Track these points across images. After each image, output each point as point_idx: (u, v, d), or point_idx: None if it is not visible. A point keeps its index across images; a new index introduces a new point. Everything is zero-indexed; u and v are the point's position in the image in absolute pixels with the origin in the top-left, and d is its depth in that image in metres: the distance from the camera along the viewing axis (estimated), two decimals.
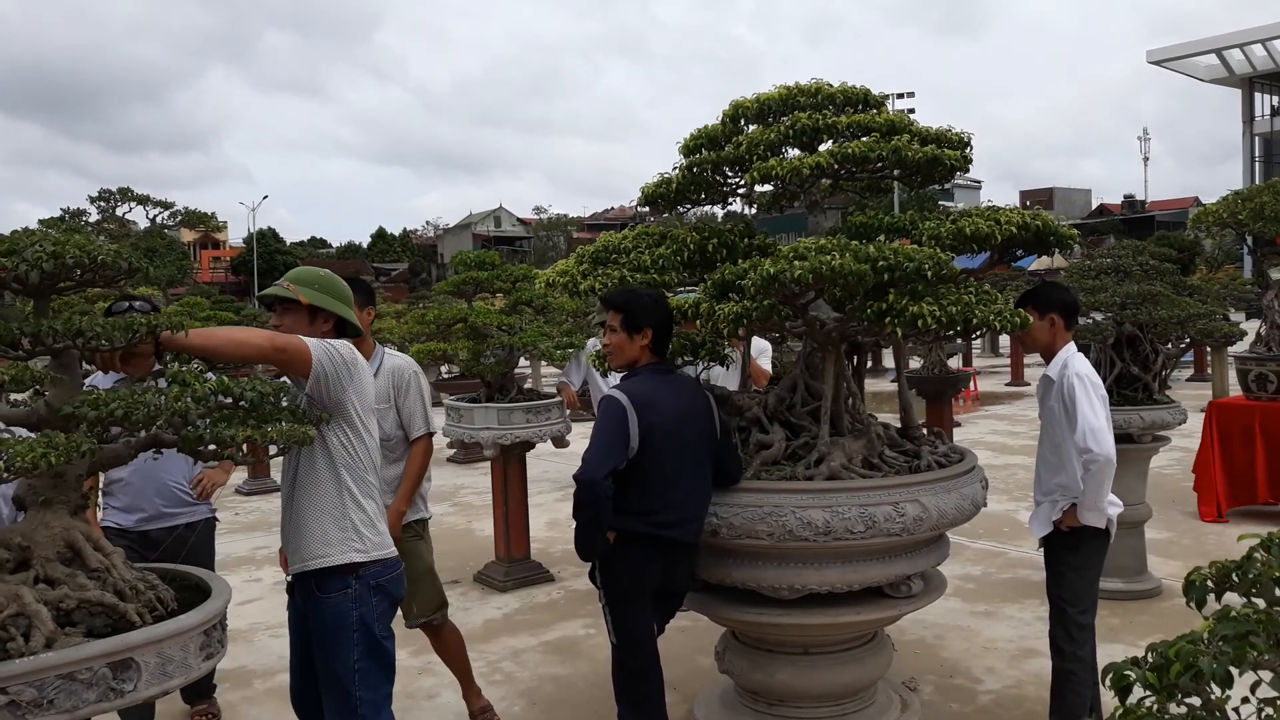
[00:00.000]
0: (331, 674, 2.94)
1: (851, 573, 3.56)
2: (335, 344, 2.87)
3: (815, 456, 3.63)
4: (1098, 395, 3.76)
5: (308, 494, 2.94)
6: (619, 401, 3.31)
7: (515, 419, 5.89)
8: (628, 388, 3.38)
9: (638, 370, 3.47)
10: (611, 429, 3.28)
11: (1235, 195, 7.25)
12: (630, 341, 3.45)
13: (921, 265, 3.10)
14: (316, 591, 2.92)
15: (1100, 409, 3.74)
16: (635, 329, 3.43)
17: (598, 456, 3.23)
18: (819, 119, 3.61)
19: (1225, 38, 45.29)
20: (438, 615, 4.31)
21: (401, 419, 4.08)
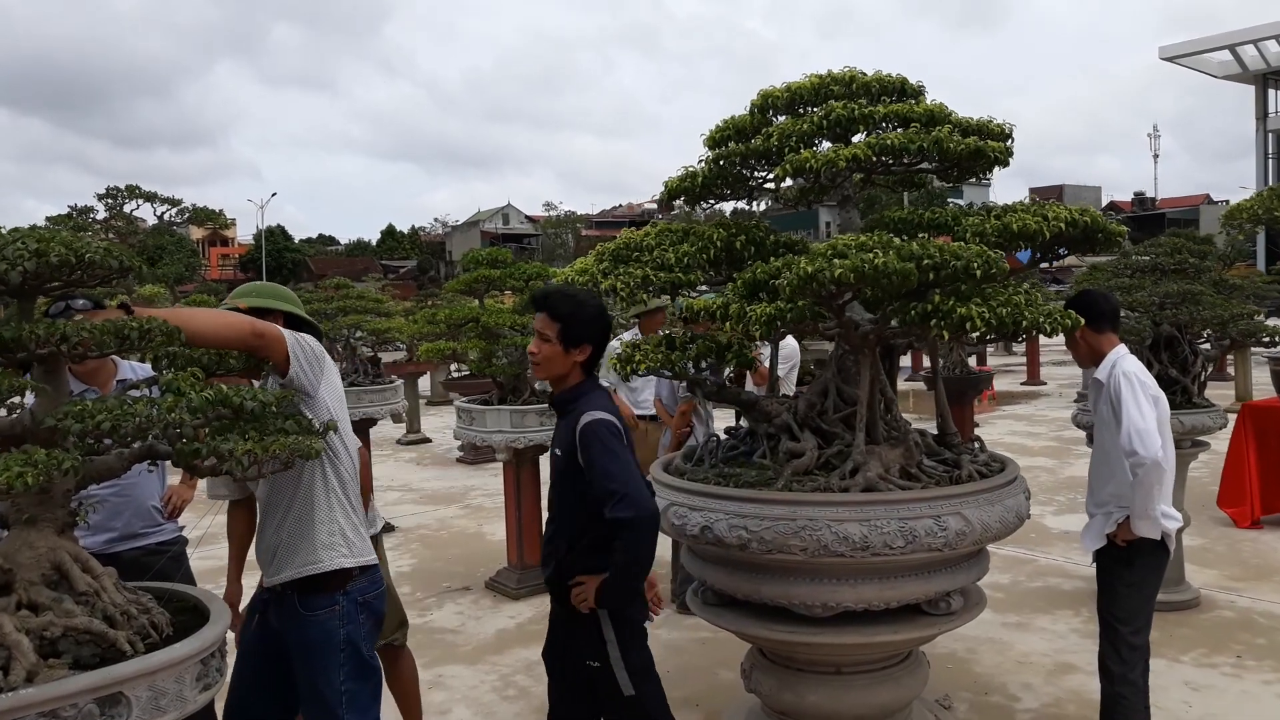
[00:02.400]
0: (317, 696, 2.83)
1: (889, 589, 3.36)
2: (301, 336, 2.85)
3: (850, 466, 3.43)
4: (1146, 395, 3.56)
5: (290, 499, 2.83)
6: (616, 424, 2.98)
7: (528, 422, 5.70)
8: (607, 407, 3.01)
9: (583, 387, 3.06)
10: (628, 453, 2.95)
11: (1270, 191, 7.02)
12: (565, 356, 3.03)
13: (970, 264, 2.90)
14: (300, 609, 2.81)
15: (1149, 409, 3.53)
16: (573, 342, 3.02)
17: (639, 484, 2.89)
18: (855, 109, 3.41)
19: (1239, 33, 44.88)
20: (399, 635, 4.10)
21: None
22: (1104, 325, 3.71)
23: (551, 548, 3.14)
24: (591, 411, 2.95)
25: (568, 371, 3.06)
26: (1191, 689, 4.39)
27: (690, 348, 3.66)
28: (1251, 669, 4.56)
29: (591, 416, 2.93)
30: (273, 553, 2.85)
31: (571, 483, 3.01)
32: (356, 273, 49.31)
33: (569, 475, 3.02)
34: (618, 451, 2.90)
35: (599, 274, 3.60)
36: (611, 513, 2.80)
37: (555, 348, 3.01)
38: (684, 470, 3.76)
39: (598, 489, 2.86)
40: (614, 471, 2.84)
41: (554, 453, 3.11)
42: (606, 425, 2.93)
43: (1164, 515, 3.55)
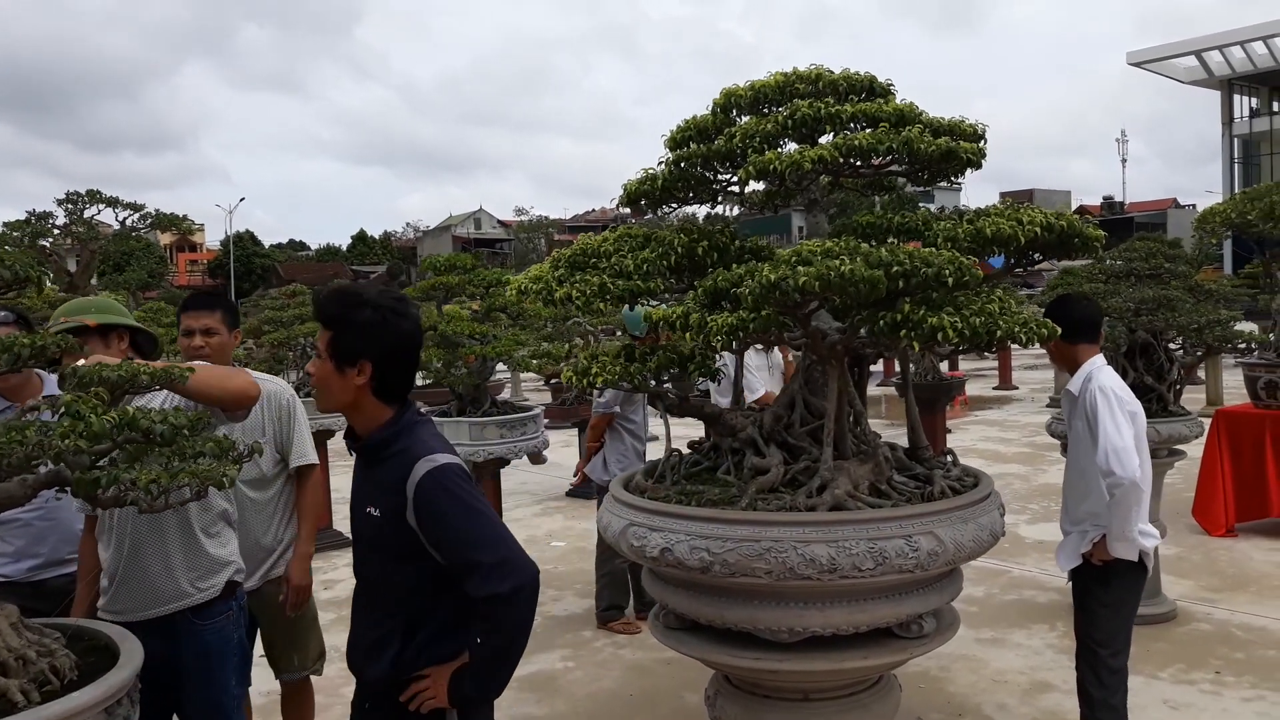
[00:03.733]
0: (214, 705, 2.82)
1: (859, 613, 3.20)
2: None
3: (817, 483, 3.26)
4: (1124, 411, 3.43)
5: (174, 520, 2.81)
6: (464, 468, 2.34)
7: (488, 434, 5.51)
8: (446, 447, 2.35)
9: (402, 423, 2.33)
10: (488, 505, 2.34)
11: (1244, 195, 6.95)
12: (339, 377, 2.29)
13: (941, 270, 2.74)
14: (194, 621, 2.83)
15: (1126, 427, 3.40)
16: (346, 358, 2.28)
17: (513, 544, 2.24)
18: (820, 108, 3.24)
19: (1204, 39, 45.40)
20: (319, 665, 3.93)
21: (283, 450, 3.64)
22: (1078, 337, 3.58)
23: (375, 641, 2.37)
24: (429, 456, 2.23)
25: (353, 399, 2.31)
26: (1171, 708, 4.26)
27: (651, 359, 3.49)
28: (1230, 685, 4.44)
29: (432, 463, 2.22)
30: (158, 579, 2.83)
31: (399, 555, 2.29)
32: (326, 278, 48.83)
33: (395, 545, 2.28)
34: (477, 505, 2.23)
35: (554, 281, 3.42)
36: (484, 588, 2.14)
37: (327, 365, 2.30)
38: (644, 488, 3.58)
39: (456, 559, 2.19)
40: (479, 534, 2.18)
41: (366, 514, 2.36)
42: (455, 471, 2.25)
43: (1142, 534, 3.42)
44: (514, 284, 3.53)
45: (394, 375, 2.33)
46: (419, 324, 2.43)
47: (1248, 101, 48.82)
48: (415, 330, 2.38)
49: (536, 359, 5.66)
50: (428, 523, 2.21)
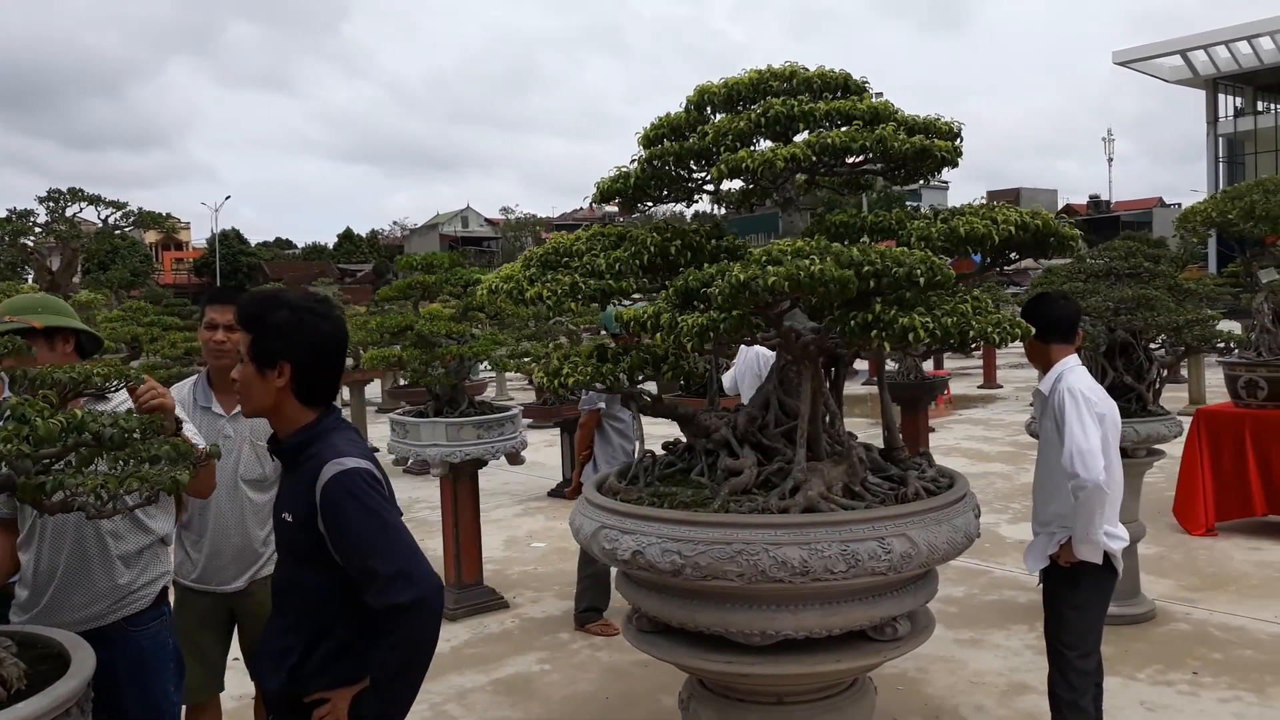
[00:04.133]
0: (153, 709, 2.79)
1: (831, 616, 3.17)
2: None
3: (790, 485, 3.23)
4: (1091, 413, 3.39)
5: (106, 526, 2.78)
6: (375, 473, 2.24)
7: (465, 435, 5.46)
8: (359, 451, 2.28)
9: (318, 427, 2.29)
10: (396, 513, 2.24)
11: (1225, 194, 6.95)
12: (260, 380, 2.26)
13: (913, 270, 2.71)
14: (128, 628, 2.80)
15: (1093, 429, 3.37)
16: (265, 360, 2.25)
17: (417, 555, 2.17)
18: (794, 105, 3.21)
19: (1189, 39, 45.61)
20: None
21: None
22: (1051, 336, 3.56)
23: (277, 651, 2.31)
24: (338, 459, 2.18)
25: (274, 403, 2.27)
26: (1148, 709, 4.24)
27: (624, 359, 3.45)
28: (1208, 686, 4.43)
29: (339, 466, 2.16)
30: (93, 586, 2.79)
31: (309, 561, 2.23)
32: (312, 276, 48.67)
33: (305, 552, 2.24)
34: (382, 512, 2.16)
35: (525, 281, 3.37)
36: (384, 598, 2.07)
37: (249, 368, 2.27)
38: (618, 490, 3.54)
39: (357, 567, 2.12)
40: (381, 541, 2.11)
41: (282, 519, 2.32)
42: (362, 476, 2.17)
43: (1109, 536, 3.42)
44: (485, 283, 3.48)
45: (315, 378, 2.30)
46: (341, 326, 2.39)
47: (1232, 101, 49.07)
48: (335, 332, 2.34)
49: (515, 359, 5.61)
50: (332, 528, 2.16)
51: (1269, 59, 44.57)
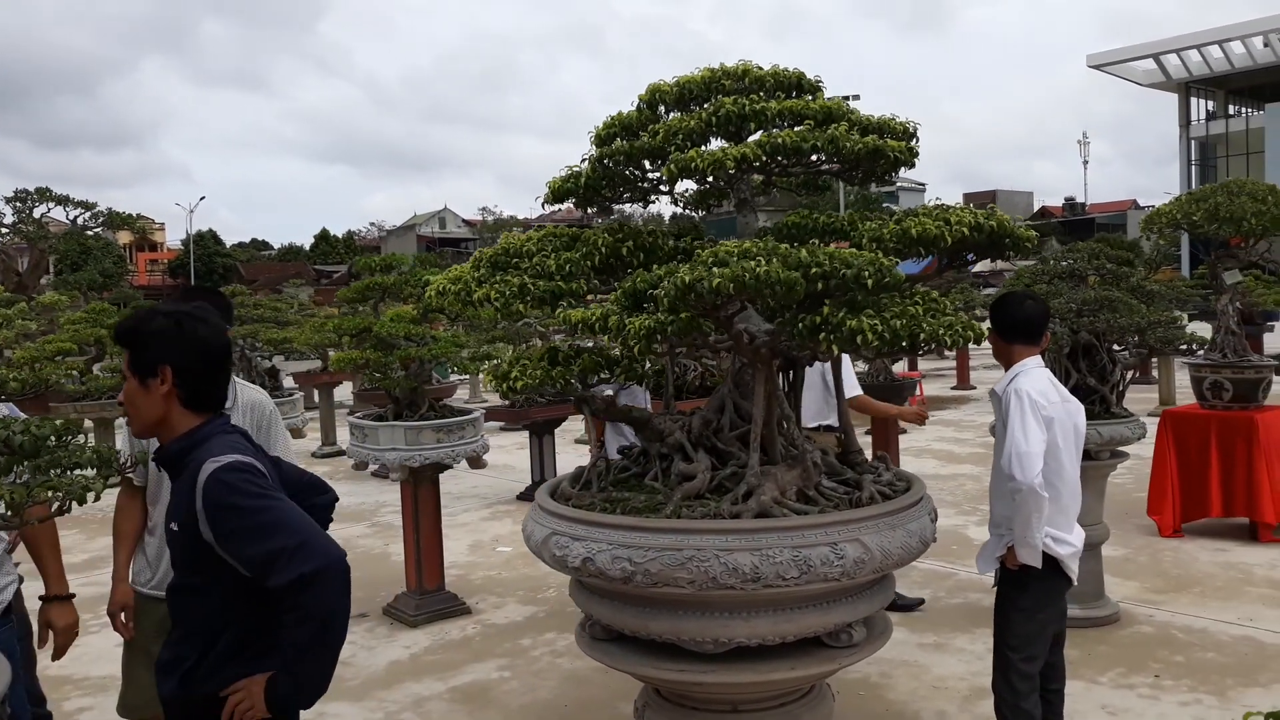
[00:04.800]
0: None
1: (785, 623, 3.12)
2: None
3: (743, 489, 3.18)
4: (1037, 416, 3.35)
5: None
6: (255, 464, 2.19)
7: (424, 438, 5.38)
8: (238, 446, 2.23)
9: (200, 433, 2.23)
10: (284, 496, 2.18)
11: (1189, 196, 6.96)
12: (144, 392, 2.23)
13: (861, 272, 2.67)
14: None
15: (1035, 433, 3.32)
16: (145, 370, 2.22)
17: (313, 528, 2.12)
18: (745, 104, 3.16)
19: (1162, 43, 46.03)
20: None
21: None
22: (1013, 337, 3.54)
23: (172, 659, 2.28)
24: (214, 458, 2.13)
25: (162, 414, 2.24)
26: (1109, 713, 4.22)
27: (575, 362, 3.39)
28: (1169, 689, 4.41)
29: (215, 464, 2.12)
30: None
31: (197, 568, 2.19)
32: (287, 277, 48.35)
33: (193, 558, 2.19)
34: (267, 499, 2.11)
35: (473, 282, 3.31)
36: (286, 574, 2.01)
37: (132, 383, 2.25)
38: (570, 495, 3.48)
39: (253, 555, 2.06)
40: (271, 523, 2.06)
41: (169, 529, 2.27)
42: (239, 468, 2.12)
43: (1057, 542, 3.40)
44: (434, 284, 3.41)
45: (199, 382, 2.27)
46: (221, 331, 2.36)
47: (1204, 104, 49.55)
48: (215, 336, 2.30)
49: (477, 361, 5.54)
50: (219, 524, 2.09)
51: (1240, 63, 45.06)
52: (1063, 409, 3.45)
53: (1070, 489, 3.45)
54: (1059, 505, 3.42)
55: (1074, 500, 3.48)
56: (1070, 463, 3.44)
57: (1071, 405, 3.54)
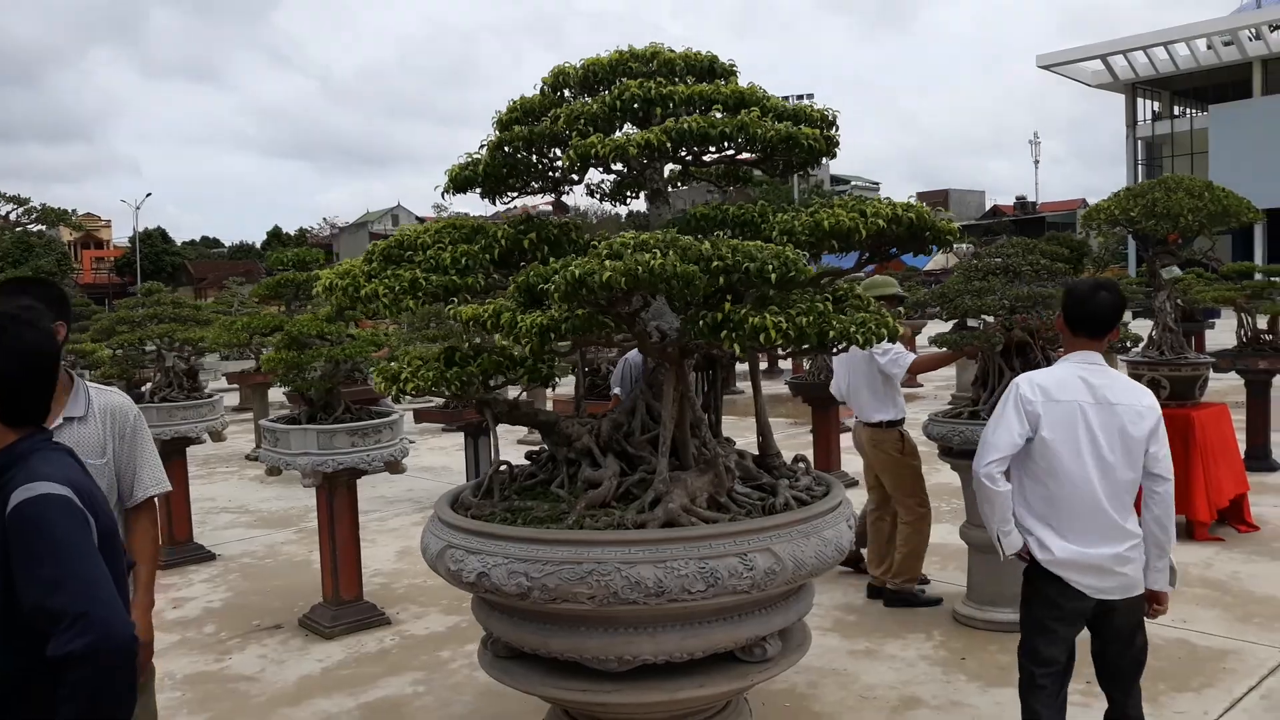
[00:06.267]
0: None
1: (693, 638, 2.95)
2: None
3: (651, 497, 3.00)
4: (1016, 407, 3.24)
5: None
6: (71, 499, 1.90)
7: (338, 442, 5.13)
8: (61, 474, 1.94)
9: (17, 450, 1.96)
10: (91, 546, 1.89)
11: (1126, 192, 6.91)
12: None
13: (765, 266, 2.49)
14: None
15: (1005, 422, 3.24)
16: None
17: (105, 596, 1.82)
18: (651, 88, 2.98)
19: (1110, 44, 46.65)
20: None
21: (121, 478, 2.94)
22: (1077, 327, 3.29)
23: None
24: (29, 484, 1.87)
25: None
26: None
27: (474, 362, 3.18)
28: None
29: (27, 492, 1.87)
30: None
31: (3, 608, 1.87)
32: (237, 275, 47.47)
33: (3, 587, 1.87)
34: (71, 544, 1.83)
35: (363, 276, 3.09)
36: (59, 645, 1.74)
37: None
38: (470, 504, 3.28)
39: (35, 606, 1.79)
40: (64, 578, 1.78)
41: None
42: (53, 503, 1.87)
43: (1035, 541, 3.27)
44: (323, 279, 3.19)
45: (21, 393, 2.01)
46: (49, 336, 2.09)
47: (1150, 105, 50.31)
48: (42, 343, 2.05)
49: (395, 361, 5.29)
50: (14, 561, 1.82)
51: (1184, 65, 45.79)
52: (1065, 408, 3.18)
53: (1070, 492, 3.18)
54: (1052, 506, 3.22)
55: (1077, 505, 3.19)
56: (1072, 465, 3.17)
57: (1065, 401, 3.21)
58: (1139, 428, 3.16)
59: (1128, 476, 3.18)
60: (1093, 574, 3.21)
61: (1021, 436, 3.21)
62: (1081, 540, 3.20)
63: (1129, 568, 3.21)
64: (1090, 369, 3.24)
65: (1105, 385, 3.21)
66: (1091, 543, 3.20)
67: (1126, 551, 3.20)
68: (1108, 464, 3.16)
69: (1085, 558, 3.20)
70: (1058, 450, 3.19)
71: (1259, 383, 8.91)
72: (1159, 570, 3.23)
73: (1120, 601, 3.25)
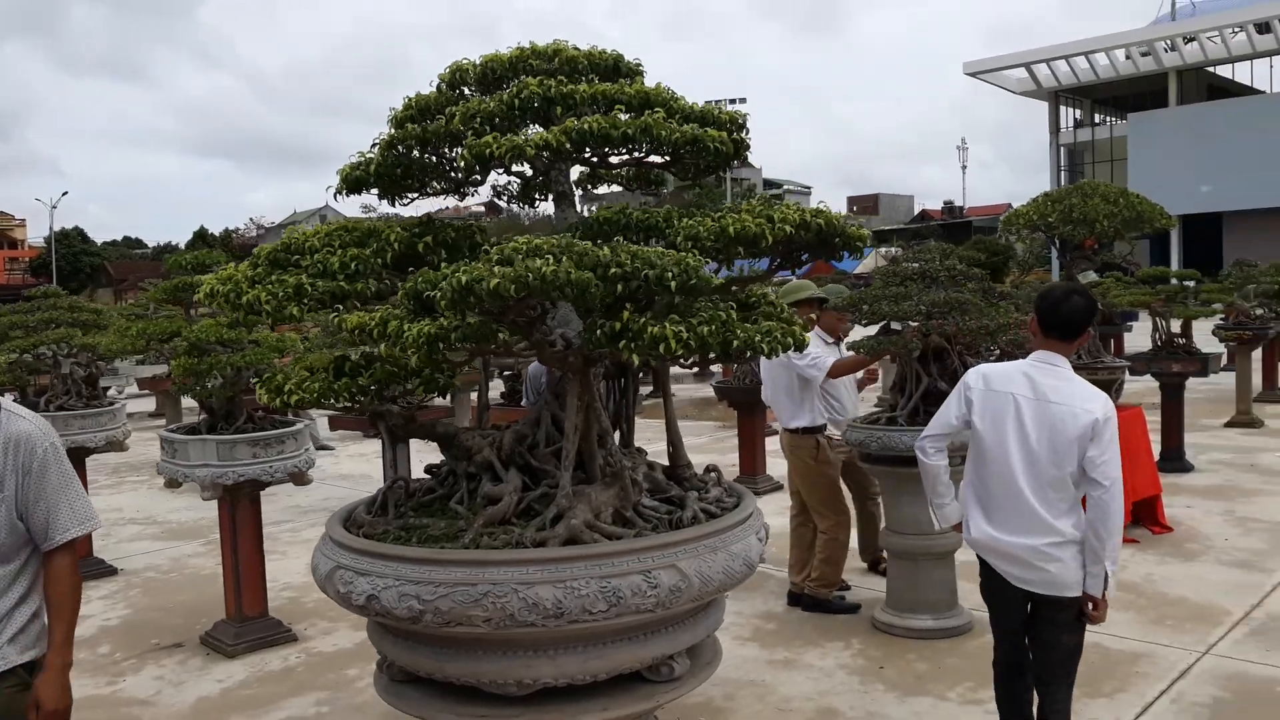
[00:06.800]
0: None
1: (595, 660, 2.83)
2: None
3: (552, 513, 2.88)
4: (958, 393, 3.47)
5: None
6: None
7: (239, 453, 4.91)
8: None
9: None
10: None
11: (1045, 197, 6.97)
12: None
13: (664, 273, 2.38)
14: None
15: (946, 405, 3.50)
16: None
17: None
18: (551, 86, 2.85)
19: (1033, 53, 47.71)
20: None
21: (28, 517, 2.54)
22: (1048, 329, 3.35)
23: None
24: None
25: None
26: None
27: (365, 372, 3.03)
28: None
29: None
30: None
31: None
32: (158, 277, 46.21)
33: None
34: None
35: (246, 282, 2.91)
36: None
37: None
38: (363, 522, 3.12)
39: None
40: None
41: None
42: None
43: (972, 525, 3.43)
44: (205, 284, 3.01)
45: None
46: None
47: (1073, 113, 51.57)
48: None
49: None
50: None
51: (1104, 74, 47.02)
52: (1000, 398, 3.30)
53: (996, 478, 3.30)
54: (984, 489, 3.37)
55: (1001, 492, 3.30)
56: (998, 451, 3.28)
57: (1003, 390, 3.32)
58: (1070, 428, 3.19)
59: (1054, 473, 3.21)
60: (1011, 562, 3.28)
61: (959, 419, 3.40)
62: (1003, 527, 3.29)
63: (1053, 565, 3.21)
64: (1042, 368, 3.32)
65: (1051, 385, 3.27)
66: (1011, 531, 3.26)
67: (1047, 547, 3.21)
68: (1034, 457, 3.22)
69: (1000, 543, 3.29)
70: (987, 437, 3.32)
71: (1173, 385, 9.08)
72: (1094, 575, 3.22)
73: (1044, 597, 3.27)
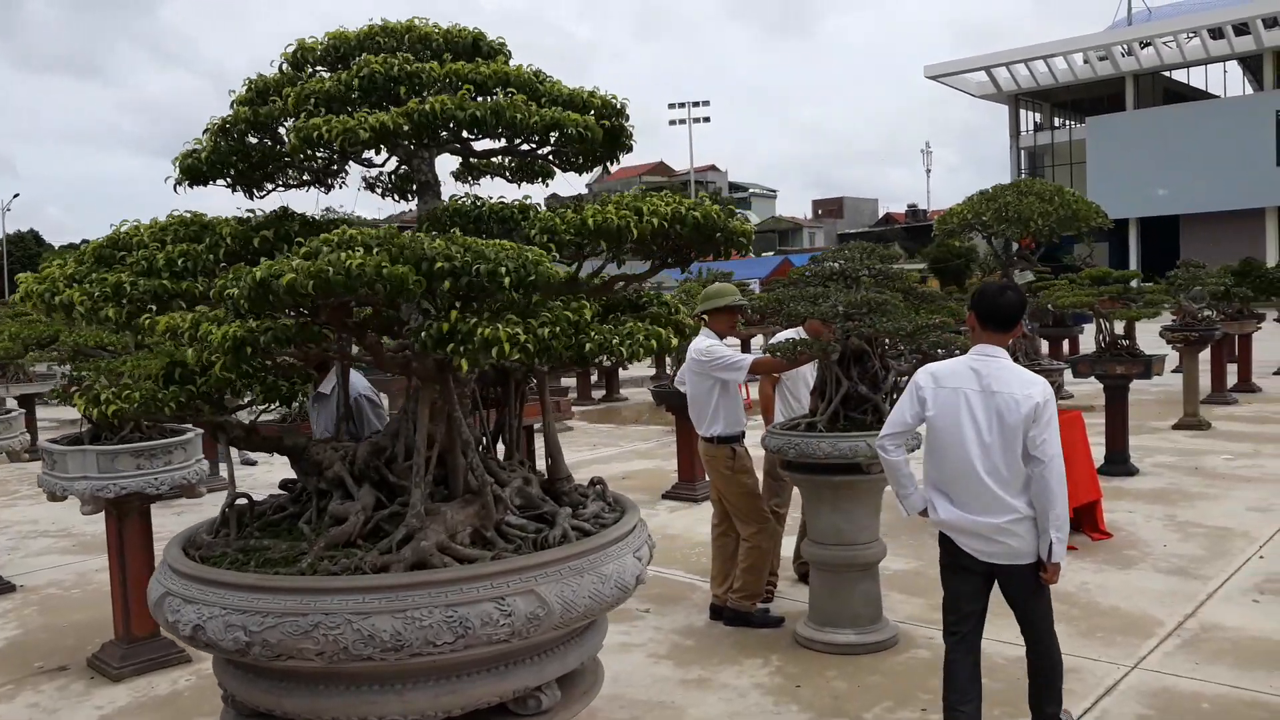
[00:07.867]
0: None
1: (448, 695, 2.59)
2: None
3: (401, 534, 2.62)
4: (910, 393, 3.68)
5: None
6: None
7: (121, 465, 4.61)
8: None
9: None
10: None
11: (980, 196, 6.80)
12: None
13: (497, 269, 2.14)
14: None
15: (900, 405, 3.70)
16: None
17: None
18: (394, 64, 2.60)
19: (994, 56, 48.01)
20: None
21: None
22: (985, 323, 3.62)
23: None
24: None
25: None
26: None
27: (200, 379, 2.76)
28: None
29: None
30: None
31: None
32: None
33: None
34: None
35: (63, 281, 2.65)
36: None
37: None
38: (203, 544, 2.85)
39: None
40: None
41: None
42: None
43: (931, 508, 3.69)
44: (22, 284, 2.73)
45: None
46: None
47: (1033, 116, 51.94)
48: None
49: None
50: None
51: (1063, 78, 47.39)
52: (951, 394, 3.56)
53: (955, 466, 3.56)
54: (945, 477, 3.62)
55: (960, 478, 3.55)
56: (954, 442, 3.54)
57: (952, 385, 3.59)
58: (1014, 414, 3.47)
59: (1006, 457, 3.49)
60: (976, 539, 3.57)
61: (914, 417, 3.64)
62: (966, 508, 3.57)
63: (1013, 539, 3.52)
64: (983, 360, 3.58)
65: (992, 375, 3.54)
66: (974, 511, 3.55)
67: (1007, 524, 3.50)
68: (987, 445, 3.50)
69: (967, 523, 3.57)
70: (943, 430, 3.58)
71: (1117, 388, 8.95)
72: (1043, 544, 3.50)
73: (1009, 567, 3.58)
